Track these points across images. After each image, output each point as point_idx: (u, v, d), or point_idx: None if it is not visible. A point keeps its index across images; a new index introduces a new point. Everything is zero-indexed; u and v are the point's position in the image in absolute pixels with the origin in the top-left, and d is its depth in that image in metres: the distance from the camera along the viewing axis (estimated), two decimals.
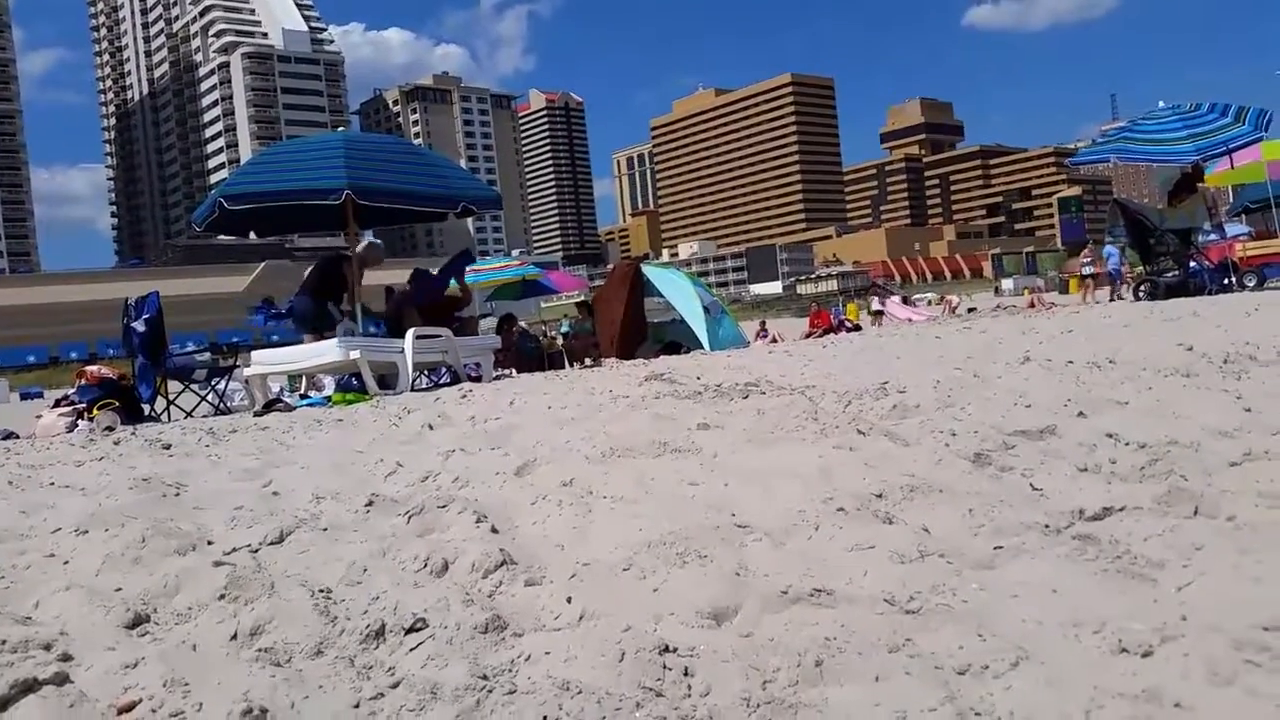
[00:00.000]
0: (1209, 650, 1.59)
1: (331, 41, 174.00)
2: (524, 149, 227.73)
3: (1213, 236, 15.46)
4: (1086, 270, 26.95)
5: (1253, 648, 1.57)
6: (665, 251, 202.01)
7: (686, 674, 1.68)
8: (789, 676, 1.64)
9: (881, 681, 1.59)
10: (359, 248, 9.50)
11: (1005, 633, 1.73)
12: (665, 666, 1.69)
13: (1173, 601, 1.83)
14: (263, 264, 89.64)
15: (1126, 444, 2.94)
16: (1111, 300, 13.02)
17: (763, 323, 27.20)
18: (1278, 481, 2.52)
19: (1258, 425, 3.15)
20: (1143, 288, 13.13)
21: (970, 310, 23.55)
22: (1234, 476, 2.62)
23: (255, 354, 8.87)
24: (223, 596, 2.10)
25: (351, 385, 9.01)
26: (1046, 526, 2.26)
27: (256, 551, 2.50)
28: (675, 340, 12.03)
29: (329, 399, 8.27)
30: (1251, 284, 15.18)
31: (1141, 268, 13.91)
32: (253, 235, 11.00)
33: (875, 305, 28.70)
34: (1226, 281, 13.29)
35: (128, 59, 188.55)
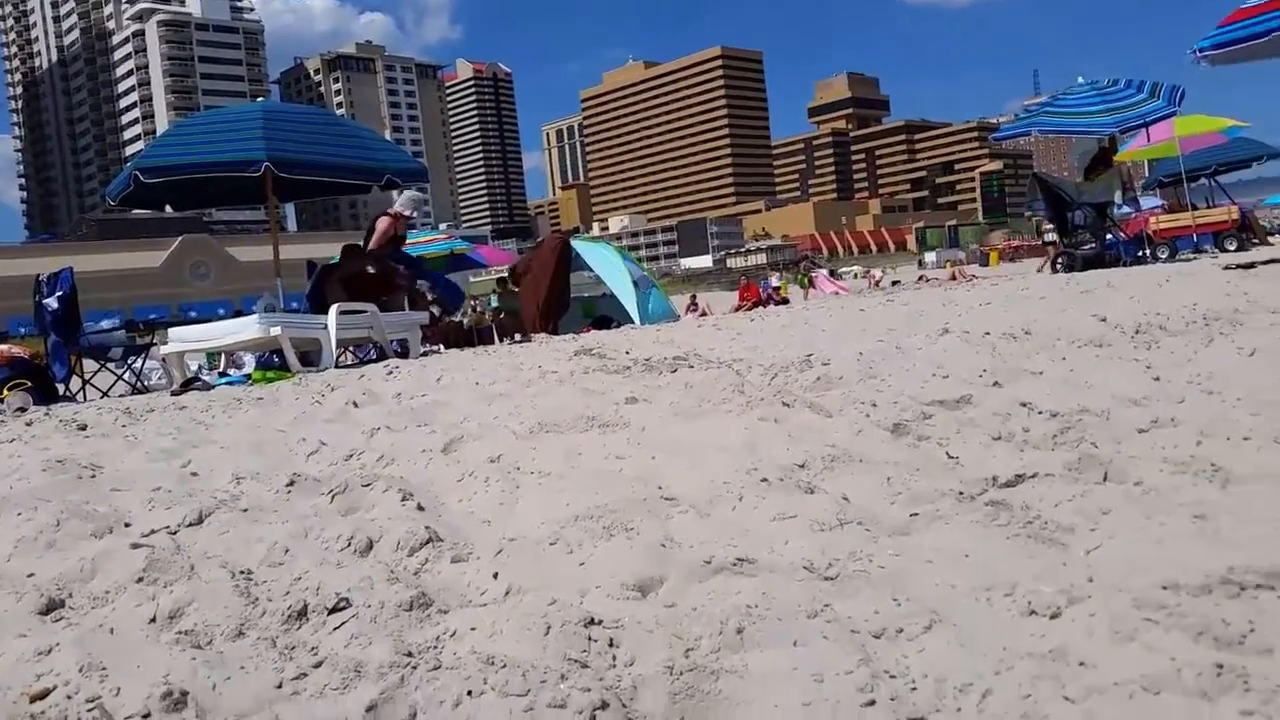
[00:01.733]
0: (1113, 610, 1.66)
1: (251, 9, 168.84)
2: (451, 120, 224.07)
3: (1126, 210, 15.94)
4: (1050, 238, 27.51)
5: (1152, 606, 1.65)
6: (596, 225, 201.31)
7: (611, 645, 1.70)
8: (711, 644, 1.67)
9: (800, 646, 1.63)
10: (397, 205, 9.25)
11: (920, 597, 1.78)
12: (590, 638, 1.71)
13: (1080, 564, 1.90)
14: (180, 238, 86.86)
15: (1040, 413, 3.03)
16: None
17: (693, 296, 27.36)
18: (1182, 447, 2.63)
19: (1165, 394, 3.27)
20: (1060, 260, 13.48)
21: (894, 283, 23.95)
22: (1142, 443, 2.72)
23: (173, 331, 8.65)
24: (141, 579, 2.06)
25: (272, 363, 8.81)
26: (961, 494, 2.33)
27: (175, 533, 2.46)
28: (605, 314, 12.04)
29: (249, 377, 8.10)
30: (1164, 256, 15.70)
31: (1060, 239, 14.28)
32: (169, 209, 10.71)
33: (775, 281, 29.21)
34: (1141, 254, 13.71)
35: (34, 24, 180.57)
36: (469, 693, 1.52)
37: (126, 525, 2.53)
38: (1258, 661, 1.46)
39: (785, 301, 20.80)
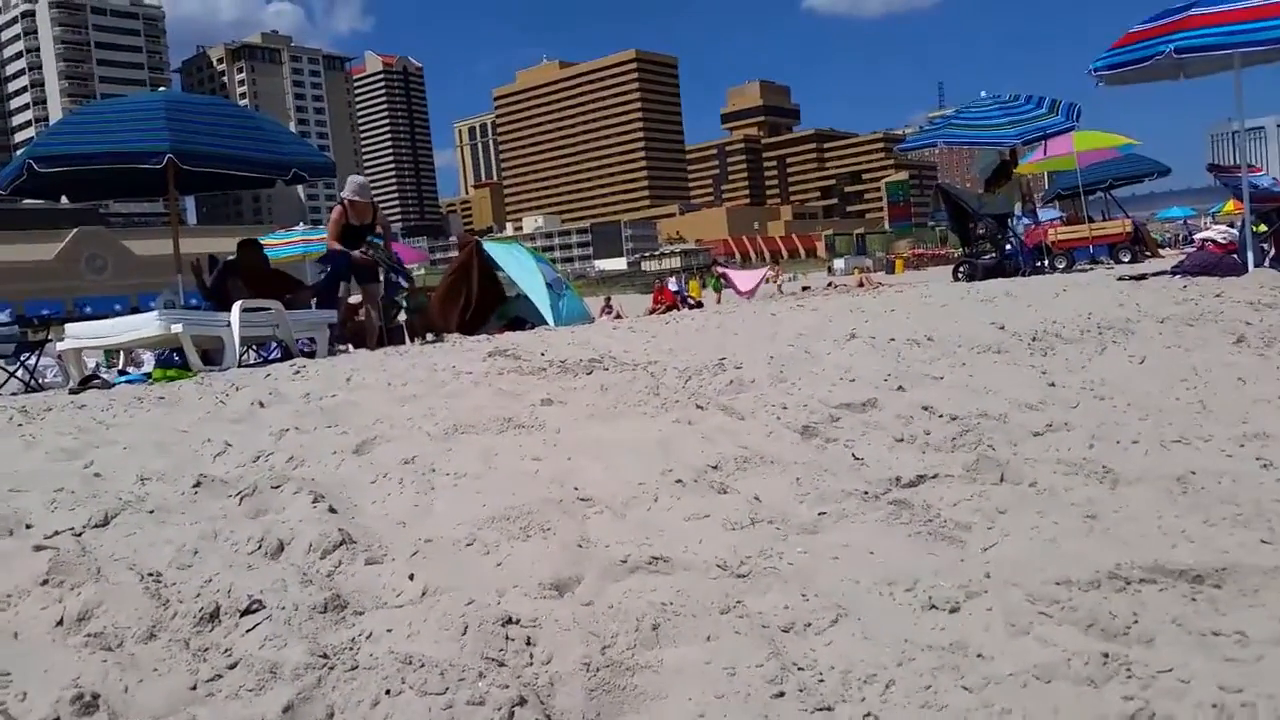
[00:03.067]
0: (1008, 604, 1.75)
1: None
2: (359, 115, 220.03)
3: (1025, 221, 16.52)
4: None
5: (1045, 600, 1.74)
6: (509, 225, 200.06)
7: (529, 643, 1.72)
8: (627, 641, 1.71)
9: (713, 641, 1.69)
10: (345, 191, 9.06)
11: (827, 592, 1.85)
12: (508, 637, 1.73)
13: (978, 561, 2.00)
14: (75, 230, 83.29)
15: (940, 416, 3.16)
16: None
17: (608, 299, 27.38)
18: (1075, 450, 2.77)
19: (1059, 399, 3.44)
20: (961, 269, 13.90)
21: (804, 289, 24.42)
22: (1036, 446, 2.86)
23: (69, 327, 8.33)
24: (46, 581, 2.01)
25: (173, 361, 8.55)
26: (866, 493, 2.42)
27: (80, 535, 2.39)
28: (520, 316, 11.97)
29: (149, 375, 7.86)
30: (1062, 266, 16.32)
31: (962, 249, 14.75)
32: (65, 200, 10.31)
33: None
34: (1039, 264, 14.23)
35: None
36: (387, 692, 1.53)
37: (28, 527, 2.45)
38: (1140, 650, 1.56)
39: (699, 305, 21.00)
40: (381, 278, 9.46)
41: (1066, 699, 1.42)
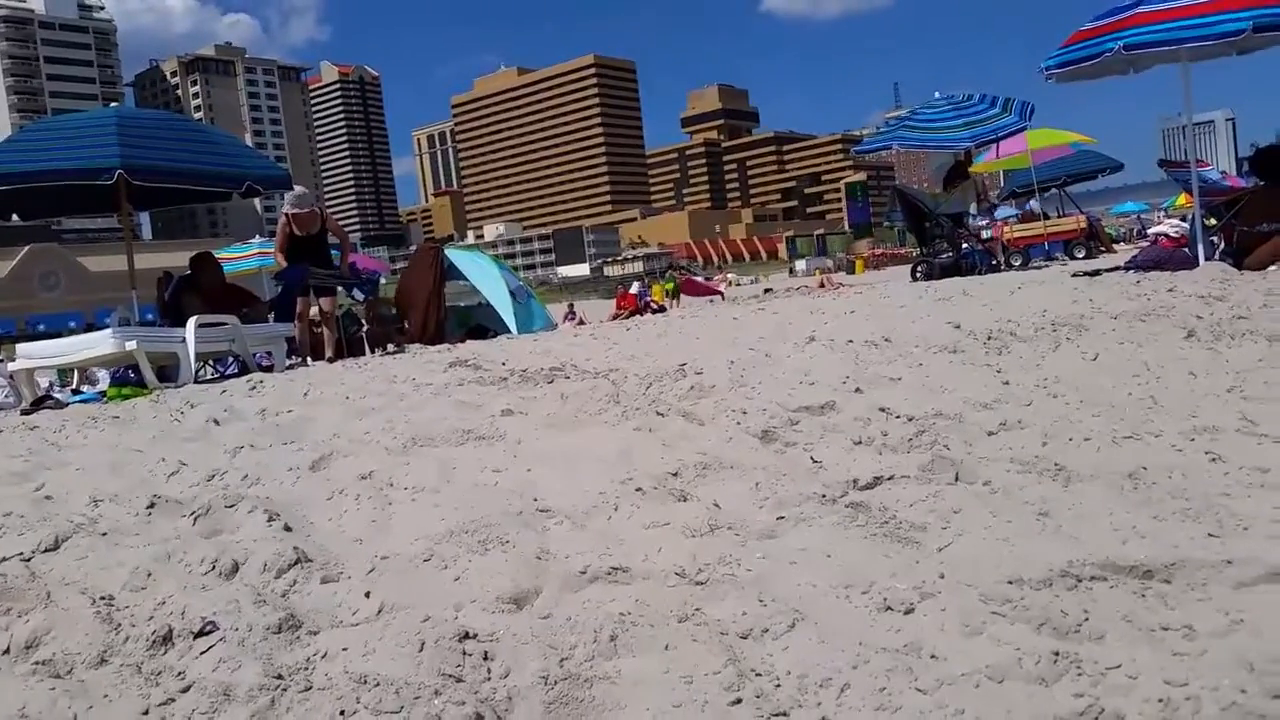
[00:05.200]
0: (962, 604, 1.77)
1: (102, 8, 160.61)
2: (316, 125, 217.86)
3: (983, 221, 16.72)
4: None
5: (998, 600, 1.76)
6: (470, 233, 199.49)
7: (486, 658, 1.71)
8: (585, 652, 1.71)
9: (671, 650, 1.69)
10: (285, 204, 8.94)
11: (784, 597, 1.85)
12: (465, 653, 1.72)
13: (933, 561, 2.01)
14: (27, 248, 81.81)
15: (897, 417, 3.18)
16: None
17: (570, 305, 27.36)
18: (1028, 448, 2.80)
19: (1013, 397, 3.47)
20: (919, 269, 14.03)
21: (767, 290, 24.55)
22: (991, 445, 2.89)
23: (21, 347, 8.20)
24: None
25: (129, 379, 8.43)
26: (824, 496, 2.43)
27: (29, 560, 2.35)
28: (482, 324, 11.92)
29: (104, 394, 7.74)
30: (1018, 263, 16.52)
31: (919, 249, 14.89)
32: (15, 218, 10.13)
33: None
34: (995, 262, 14.39)
35: None
36: (341, 712, 1.52)
37: None
38: (1090, 647, 1.58)
39: (662, 309, 21.02)
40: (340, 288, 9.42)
41: (1018, 698, 1.44)
